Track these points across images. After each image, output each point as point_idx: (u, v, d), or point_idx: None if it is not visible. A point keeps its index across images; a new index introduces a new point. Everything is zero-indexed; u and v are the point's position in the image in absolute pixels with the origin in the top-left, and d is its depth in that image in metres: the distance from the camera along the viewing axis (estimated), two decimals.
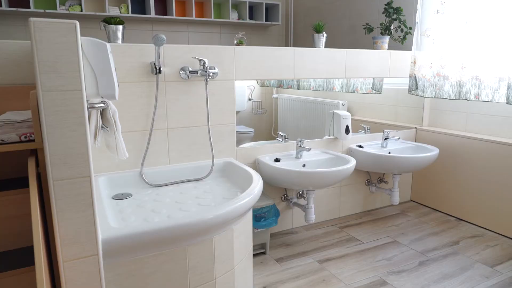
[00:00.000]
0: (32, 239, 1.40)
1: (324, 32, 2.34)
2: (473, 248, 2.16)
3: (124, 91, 1.78)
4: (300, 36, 4.23)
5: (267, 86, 2.28)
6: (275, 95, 2.31)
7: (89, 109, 1.19)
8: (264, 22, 4.03)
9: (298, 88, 2.37)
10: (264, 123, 2.31)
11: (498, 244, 2.21)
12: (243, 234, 1.56)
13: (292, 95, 2.37)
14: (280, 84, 2.32)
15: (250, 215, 1.66)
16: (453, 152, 2.57)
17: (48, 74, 0.97)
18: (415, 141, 2.83)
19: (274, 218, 2.04)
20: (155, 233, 1.21)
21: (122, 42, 1.84)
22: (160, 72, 1.81)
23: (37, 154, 1.28)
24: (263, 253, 2.10)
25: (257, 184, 1.62)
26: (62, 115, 1.00)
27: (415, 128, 2.83)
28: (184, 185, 1.86)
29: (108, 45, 1.08)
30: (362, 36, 3.32)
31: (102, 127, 1.32)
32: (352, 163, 2.08)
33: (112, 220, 1.40)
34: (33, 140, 1.19)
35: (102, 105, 1.24)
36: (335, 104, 2.55)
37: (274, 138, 2.34)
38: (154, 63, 1.80)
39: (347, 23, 3.48)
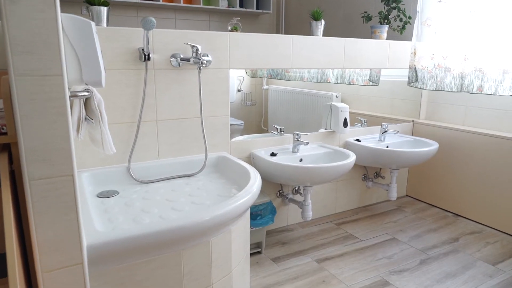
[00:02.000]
0: (5, 246, 1.25)
1: (322, 20, 2.23)
2: (473, 245, 2.11)
3: (109, 79, 1.63)
4: (291, 25, 4.10)
5: (260, 77, 2.15)
6: (265, 87, 2.19)
7: (70, 98, 1.05)
8: (255, 10, 3.88)
9: (289, 80, 2.25)
10: (254, 115, 2.19)
11: (498, 241, 2.16)
12: (241, 235, 1.44)
13: (283, 87, 2.25)
14: (277, 76, 2.19)
15: (247, 214, 1.54)
16: (451, 146, 2.51)
17: (22, 56, 0.83)
18: (412, 135, 2.76)
19: (271, 216, 1.93)
20: (147, 237, 1.09)
21: (107, 25, 1.69)
22: (149, 59, 1.66)
23: (10, 149, 1.13)
24: (259, 252, 1.99)
25: (255, 181, 1.51)
26: (39, 104, 0.85)
27: (412, 121, 2.76)
28: (175, 181, 1.73)
29: (93, 24, 0.94)
30: (358, 26, 3.21)
31: (86, 118, 1.18)
32: (352, 158, 1.98)
33: (97, 221, 1.27)
34: (6, 133, 1.04)
35: (85, 93, 1.09)
36: (329, 96, 2.44)
37: (264, 131, 2.22)
38: (143, 49, 1.65)
39: (342, 12, 3.37)
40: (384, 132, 2.48)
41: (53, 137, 0.88)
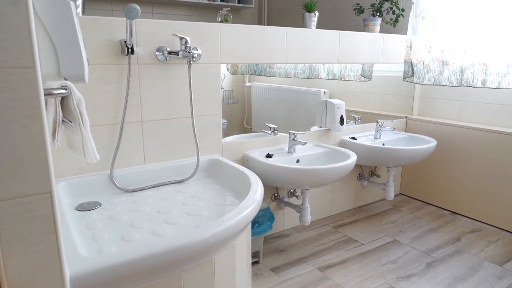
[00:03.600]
0: None
1: (316, 11, 2.09)
2: (476, 244, 2.04)
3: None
4: (274, 20, 3.96)
5: (242, 74, 1.99)
6: (247, 84, 2.04)
7: (44, 97, 0.86)
8: (236, 4, 3.71)
9: (273, 76, 2.10)
10: (236, 114, 2.04)
11: (499, 239, 2.11)
12: (243, 248, 1.29)
13: (267, 83, 2.10)
14: (261, 72, 2.04)
15: (249, 224, 1.39)
16: (447, 142, 2.45)
17: None
18: (406, 131, 2.68)
19: (269, 223, 1.78)
20: (142, 262, 0.92)
21: (83, 14, 1.49)
22: (132, 52, 1.47)
23: None
24: (256, 262, 1.84)
25: (258, 187, 1.36)
26: (5, 105, 0.67)
27: (406, 117, 2.68)
28: (164, 189, 1.56)
29: (72, 4, 0.76)
30: (346, 20, 3.11)
31: (63, 120, 0.99)
32: (353, 158, 1.86)
33: (79, 242, 1.08)
34: None
35: (63, 91, 0.91)
36: (316, 93, 2.32)
37: (247, 130, 2.06)
38: (125, 41, 1.46)
39: (329, 6, 3.25)
40: (379, 129, 2.38)
41: (24, 145, 0.70)
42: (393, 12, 2.46)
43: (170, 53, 1.57)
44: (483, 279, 1.72)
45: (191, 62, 1.56)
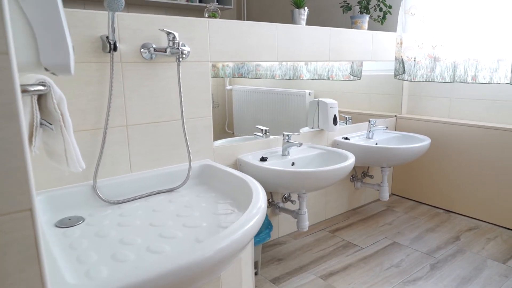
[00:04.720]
0: None
1: (306, 8, 2.01)
2: (476, 242, 2.00)
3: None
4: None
5: (229, 77, 1.88)
6: (228, 87, 1.92)
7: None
8: (216, 5, 3.60)
9: (260, 78, 1.99)
10: (217, 118, 1.93)
11: (497, 236, 2.07)
12: (248, 262, 1.17)
13: (248, 86, 1.99)
14: (248, 74, 1.93)
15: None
16: (437, 140, 2.41)
17: None
18: (396, 130, 2.63)
19: (267, 231, 1.67)
20: (141, 286, 0.78)
21: None
22: (115, 49, 1.33)
23: None
24: (255, 273, 1.72)
25: (260, 194, 1.24)
26: None
27: (395, 116, 2.63)
28: (154, 199, 1.42)
29: None
30: (330, 18, 3.06)
31: (41, 123, 0.85)
32: (352, 159, 1.78)
33: (63, 265, 0.93)
34: None
35: (40, 87, 0.77)
36: (301, 94, 2.23)
37: (229, 134, 1.95)
38: (107, 37, 1.32)
39: (312, 5, 3.19)
40: (371, 128, 2.32)
41: None
42: (380, 9, 2.42)
43: (156, 50, 1.44)
44: (489, 278, 1.67)
45: (180, 59, 1.43)
